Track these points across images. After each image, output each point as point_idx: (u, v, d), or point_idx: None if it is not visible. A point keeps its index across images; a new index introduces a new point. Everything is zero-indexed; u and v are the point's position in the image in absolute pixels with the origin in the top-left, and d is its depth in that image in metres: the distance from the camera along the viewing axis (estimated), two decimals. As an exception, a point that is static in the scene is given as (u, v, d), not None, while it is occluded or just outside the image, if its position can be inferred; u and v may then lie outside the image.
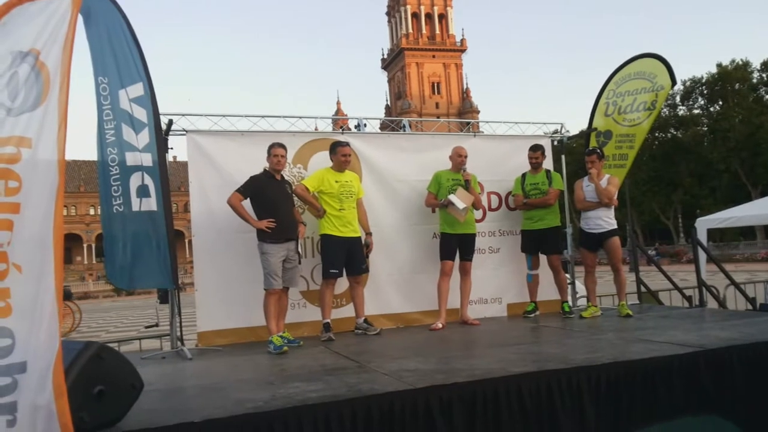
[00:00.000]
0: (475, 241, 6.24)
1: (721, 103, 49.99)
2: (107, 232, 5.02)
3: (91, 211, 72.61)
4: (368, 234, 5.93)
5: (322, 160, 6.02)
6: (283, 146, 5.42)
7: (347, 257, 5.68)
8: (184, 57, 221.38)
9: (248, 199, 5.29)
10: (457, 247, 6.12)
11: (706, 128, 50.91)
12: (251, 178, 5.33)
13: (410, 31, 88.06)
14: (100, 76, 4.95)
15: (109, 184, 4.97)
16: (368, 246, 5.91)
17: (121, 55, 4.99)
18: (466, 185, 6.02)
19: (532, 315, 6.45)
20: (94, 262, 72.62)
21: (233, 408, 3.02)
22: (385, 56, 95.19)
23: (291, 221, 5.42)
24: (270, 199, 5.31)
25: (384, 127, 7.77)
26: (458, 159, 6.13)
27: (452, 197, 5.96)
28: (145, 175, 5.06)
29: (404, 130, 7.17)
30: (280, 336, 5.08)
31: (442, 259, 6.10)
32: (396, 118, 7.26)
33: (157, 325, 6.18)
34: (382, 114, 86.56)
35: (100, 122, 4.95)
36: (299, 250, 5.44)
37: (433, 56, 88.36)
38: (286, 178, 5.75)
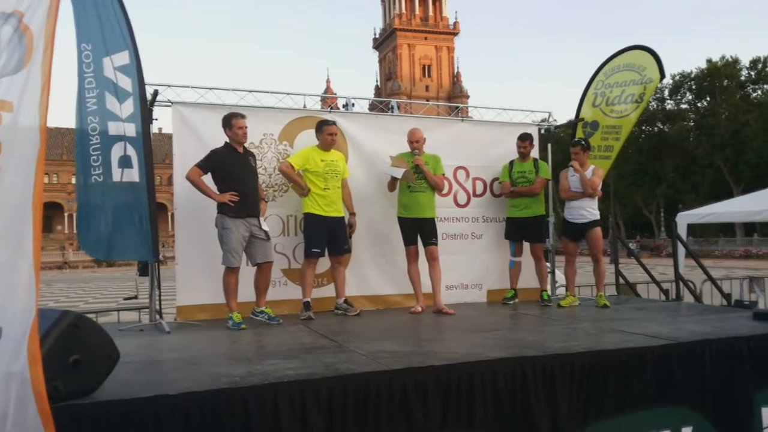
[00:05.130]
0: (434, 226, 6.05)
1: (708, 98, 50.25)
2: (82, 201, 4.95)
3: (73, 180, 71.51)
4: (352, 215, 5.92)
5: (308, 138, 5.99)
6: (244, 117, 5.27)
7: (330, 237, 5.67)
8: (174, 29, 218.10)
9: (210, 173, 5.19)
10: (416, 231, 5.98)
11: (692, 123, 51.25)
12: (212, 151, 5.21)
13: (403, 11, 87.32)
14: (83, 42, 4.85)
15: (88, 153, 4.89)
16: (351, 226, 5.90)
17: (107, 22, 4.89)
18: (416, 170, 5.89)
19: (512, 302, 6.50)
20: (75, 231, 71.82)
21: (209, 382, 3.02)
22: (377, 36, 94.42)
23: (254, 196, 5.30)
24: (232, 174, 5.19)
25: (373, 107, 7.73)
26: (410, 145, 6.01)
27: (389, 170, 5.94)
28: (128, 146, 4.98)
29: (392, 112, 7.13)
30: (260, 310, 5.11)
31: (405, 245, 6.03)
32: (385, 99, 7.21)
33: (136, 297, 6.16)
34: (371, 94, 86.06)
35: (80, 90, 4.86)
36: (263, 226, 5.33)
37: (425, 38, 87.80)
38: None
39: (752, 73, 48.86)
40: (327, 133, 5.70)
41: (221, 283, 5.40)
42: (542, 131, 7.29)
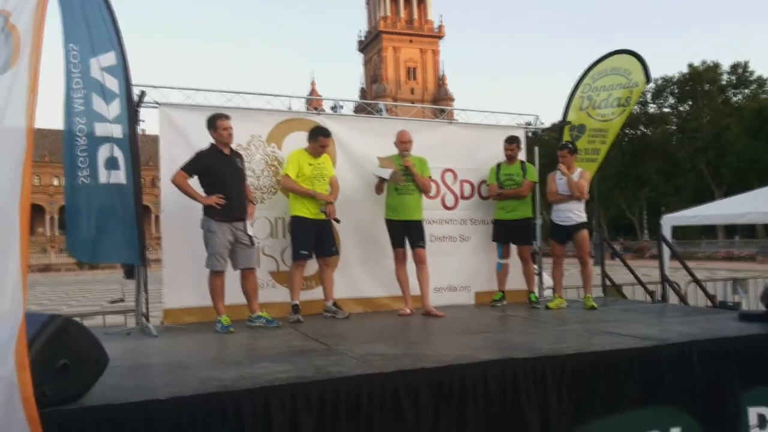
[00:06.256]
0: (422, 228, 6.04)
1: (690, 102, 50.82)
2: (70, 203, 4.89)
3: (55, 182, 71.04)
4: (329, 203, 5.68)
5: (296, 140, 5.96)
6: (228, 117, 5.21)
7: (317, 239, 5.64)
8: (159, 29, 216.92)
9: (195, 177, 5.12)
10: (403, 233, 5.99)
11: (675, 127, 51.79)
12: (197, 153, 5.14)
13: (388, 14, 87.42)
14: (70, 43, 4.80)
15: (75, 155, 4.83)
16: (330, 214, 5.66)
17: (93, 23, 4.85)
18: (405, 171, 5.90)
19: (500, 304, 6.52)
20: (56, 234, 71.10)
21: (199, 386, 2.99)
22: (363, 38, 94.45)
23: (241, 200, 5.25)
24: (219, 176, 5.12)
25: (359, 110, 7.72)
26: (399, 146, 6.01)
27: (376, 170, 5.95)
28: (115, 147, 4.94)
29: (380, 114, 7.13)
30: (256, 316, 5.12)
31: (393, 247, 6.03)
32: (372, 101, 7.20)
33: (122, 300, 6.09)
34: (356, 96, 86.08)
35: (68, 91, 4.80)
36: (249, 231, 5.26)
37: (411, 41, 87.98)
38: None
39: (733, 77, 49.52)
40: (320, 144, 5.65)
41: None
42: (529, 134, 7.32)
